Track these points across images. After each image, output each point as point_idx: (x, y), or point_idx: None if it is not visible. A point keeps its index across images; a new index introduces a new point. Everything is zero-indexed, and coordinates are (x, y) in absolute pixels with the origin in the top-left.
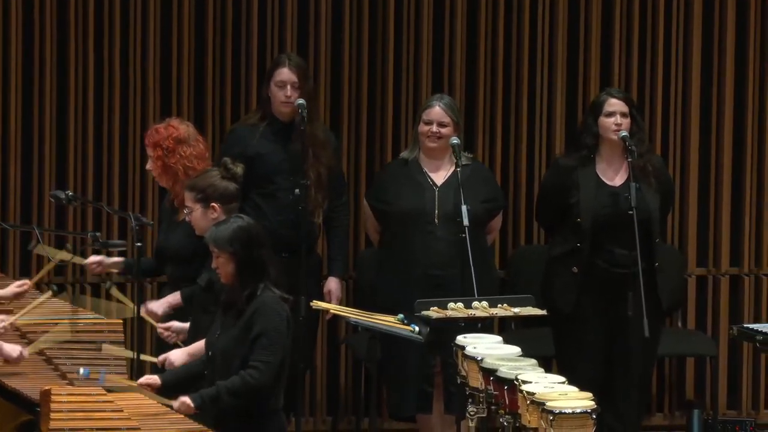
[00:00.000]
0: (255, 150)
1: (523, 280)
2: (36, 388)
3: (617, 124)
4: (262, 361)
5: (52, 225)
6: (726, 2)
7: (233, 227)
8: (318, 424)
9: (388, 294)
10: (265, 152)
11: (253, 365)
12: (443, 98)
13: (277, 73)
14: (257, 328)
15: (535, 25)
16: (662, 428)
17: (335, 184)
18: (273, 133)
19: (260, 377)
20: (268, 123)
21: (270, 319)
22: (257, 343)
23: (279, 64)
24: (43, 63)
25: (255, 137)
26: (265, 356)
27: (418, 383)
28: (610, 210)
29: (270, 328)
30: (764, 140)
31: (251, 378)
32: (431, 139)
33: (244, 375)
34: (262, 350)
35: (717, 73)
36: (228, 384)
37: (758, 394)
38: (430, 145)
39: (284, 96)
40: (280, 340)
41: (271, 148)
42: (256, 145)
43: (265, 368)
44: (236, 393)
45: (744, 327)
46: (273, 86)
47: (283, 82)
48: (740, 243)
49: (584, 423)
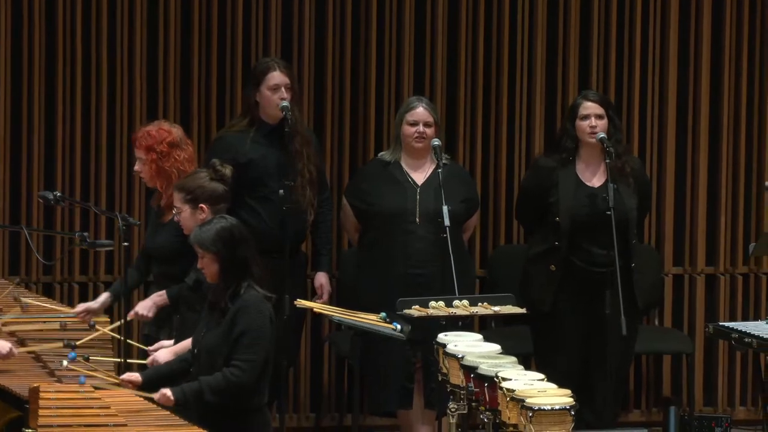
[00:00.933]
0: (247, 156)
1: (502, 279)
2: (25, 386)
3: (592, 127)
4: (245, 360)
5: (40, 225)
6: (702, 7)
7: (216, 228)
8: (302, 421)
9: (370, 292)
10: (258, 157)
11: (236, 364)
12: (422, 99)
13: (269, 77)
14: (240, 327)
15: (515, 29)
16: (639, 424)
17: (319, 180)
18: (263, 137)
19: (242, 375)
20: (256, 128)
21: (253, 318)
22: (240, 342)
23: (269, 69)
24: (32, 66)
25: (246, 143)
26: (247, 355)
27: (399, 380)
28: (589, 210)
29: (253, 327)
30: (739, 142)
31: (233, 376)
32: (417, 139)
33: (227, 373)
34: (244, 349)
35: (693, 76)
36: (211, 380)
37: (734, 391)
38: (417, 145)
39: (279, 99)
40: (262, 338)
41: (263, 152)
42: (248, 151)
43: (247, 367)
44: (218, 390)
45: (719, 325)
46: (266, 91)
47: (277, 85)
48: (716, 243)
49: (563, 419)
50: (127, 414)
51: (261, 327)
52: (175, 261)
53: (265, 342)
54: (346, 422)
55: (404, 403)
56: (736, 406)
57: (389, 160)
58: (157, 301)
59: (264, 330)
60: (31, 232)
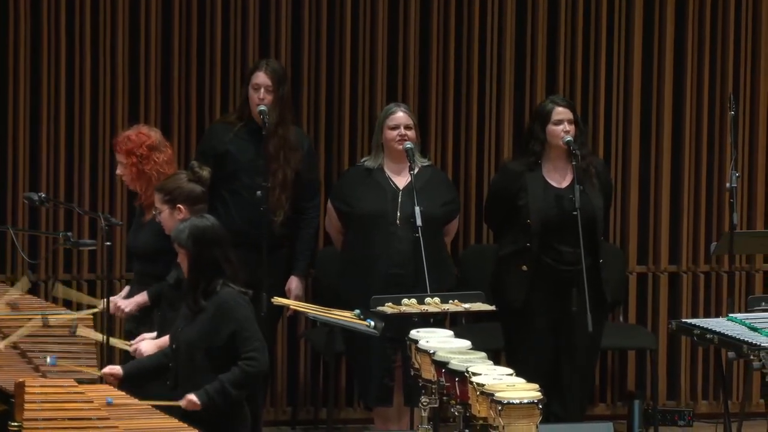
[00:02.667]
0: (225, 147)
1: (473, 277)
2: (10, 380)
3: (566, 131)
4: (254, 349)
5: (25, 225)
6: (665, 17)
7: (190, 226)
8: (279, 414)
9: (352, 291)
10: (235, 150)
11: (247, 356)
12: (401, 105)
13: (254, 76)
14: (230, 326)
15: (485, 36)
16: (605, 417)
17: (307, 186)
18: (247, 133)
19: (257, 364)
20: (244, 123)
21: (237, 312)
22: (239, 338)
23: (257, 68)
24: (17, 72)
25: (229, 135)
26: (252, 344)
27: (379, 377)
28: (557, 211)
29: (241, 320)
30: (701, 145)
31: (250, 367)
32: (399, 142)
33: (243, 366)
34: (246, 341)
35: (656, 82)
36: (230, 376)
37: (696, 386)
38: (399, 147)
39: (258, 98)
40: (254, 326)
41: (242, 147)
42: (228, 142)
43: (258, 355)
44: (239, 384)
45: (682, 322)
46: (250, 89)
47: (258, 85)
48: (678, 242)
49: (531, 413)
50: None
51: (247, 317)
52: (155, 259)
53: (257, 327)
54: (322, 415)
55: (384, 400)
56: (698, 400)
57: (372, 167)
58: (139, 302)
59: (249, 318)
60: (16, 232)
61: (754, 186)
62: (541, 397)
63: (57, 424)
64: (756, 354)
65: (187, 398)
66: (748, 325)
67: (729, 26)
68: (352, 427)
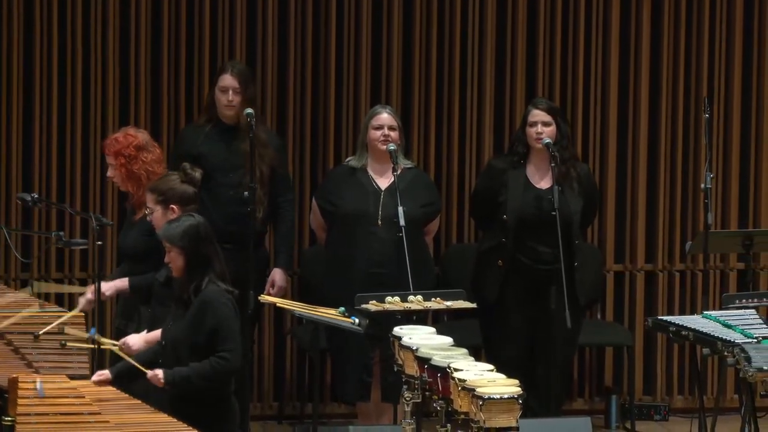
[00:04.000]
0: (198, 150)
1: (454, 275)
2: (4, 376)
3: (538, 133)
4: (228, 350)
5: (19, 225)
6: (641, 21)
7: (184, 225)
8: (265, 409)
9: (334, 289)
10: (208, 151)
11: (220, 355)
12: (386, 106)
13: (220, 79)
14: (210, 323)
15: (465, 41)
16: (582, 412)
17: (281, 181)
18: (217, 134)
19: (226, 364)
20: (213, 125)
21: (219, 311)
22: (217, 337)
23: (223, 71)
24: (10, 76)
25: (200, 138)
26: (228, 344)
27: (358, 373)
28: (535, 210)
29: (221, 319)
30: (677, 147)
31: (219, 365)
32: (383, 142)
33: (213, 362)
34: (223, 341)
35: (633, 85)
36: (200, 368)
37: (671, 381)
38: (382, 147)
39: (226, 100)
40: (234, 327)
41: (214, 147)
42: (200, 145)
43: (231, 355)
44: (205, 377)
45: (658, 319)
46: (217, 91)
47: (226, 87)
48: (654, 242)
49: (511, 407)
50: (100, 403)
51: (228, 317)
52: (144, 258)
53: (237, 329)
54: (307, 410)
55: (362, 396)
56: (674, 395)
57: (356, 167)
58: (118, 286)
59: (231, 320)
60: (10, 232)
61: (728, 187)
62: (521, 392)
63: (49, 419)
64: (730, 350)
65: (155, 372)
66: (723, 322)
67: (704, 32)
68: (337, 422)
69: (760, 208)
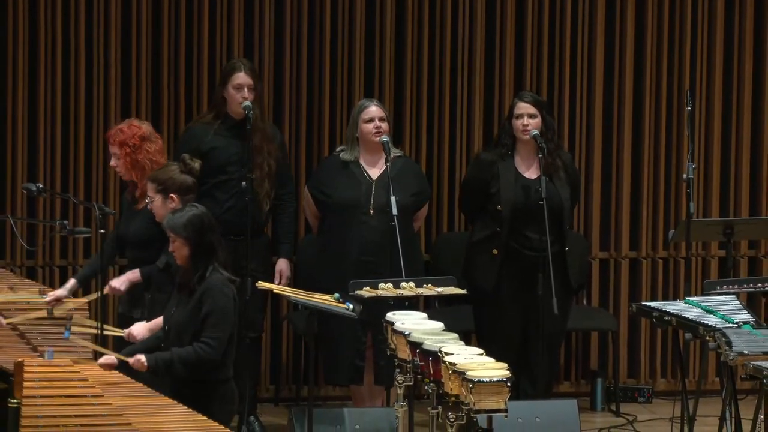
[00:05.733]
0: (209, 145)
1: (445, 263)
2: (10, 360)
3: (524, 125)
4: (212, 338)
5: (24, 214)
6: (626, 18)
7: (188, 215)
8: (262, 392)
9: (327, 276)
10: (219, 146)
11: (204, 341)
12: (372, 99)
13: (234, 77)
14: (206, 308)
15: (456, 35)
16: (569, 395)
17: (283, 175)
18: (226, 129)
19: (210, 351)
20: (221, 121)
21: (218, 299)
22: (207, 322)
23: (235, 69)
24: (15, 70)
25: (209, 134)
26: (214, 333)
27: (350, 358)
28: (525, 200)
29: (217, 308)
30: (660, 138)
31: (202, 351)
32: (376, 134)
33: (197, 347)
34: (211, 328)
35: (618, 77)
36: (182, 352)
37: (655, 365)
38: (376, 139)
39: (241, 97)
40: (227, 317)
41: (225, 143)
42: (211, 140)
43: (215, 343)
44: (187, 362)
45: (642, 305)
46: (230, 89)
47: (241, 85)
48: (638, 230)
49: (500, 390)
50: (103, 386)
51: (225, 307)
52: (147, 246)
53: (230, 321)
54: (303, 393)
55: (355, 379)
56: (657, 378)
57: (348, 159)
58: (131, 278)
59: (228, 310)
60: (15, 221)
61: (709, 177)
62: (509, 375)
63: (54, 401)
64: (711, 335)
65: (137, 357)
66: (704, 307)
67: (686, 28)
68: (332, 404)
69: (740, 198)
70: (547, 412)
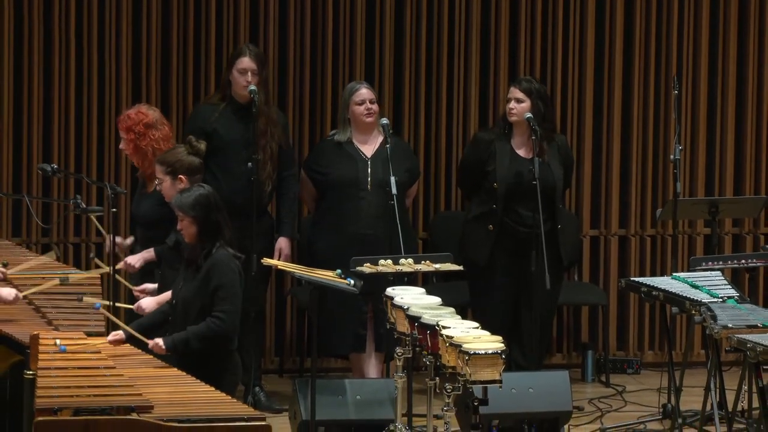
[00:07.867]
0: (213, 126)
1: (442, 240)
2: (26, 333)
3: (510, 109)
4: (224, 311)
5: (39, 193)
6: (615, 5)
7: (195, 195)
8: (267, 364)
9: (326, 251)
10: (222, 129)
11: (216, 315)
12: (362, 82)
13: (239, 61)
14: (214, 283)
15: (453, 20)
16: (561, 366)
17: (285, 157)
18: (232, 112)
19: (222, 324)
20: (227, 104)
21: (225, 273)
22: (216, 296)
23: (241, 54)
24: (31, 55)
25: (215, 115)
26: (225, 306)
27: (353, 327)
28: (519, 179)
29: (225, 282)
30: (648, 121)
31: (215, 325)
32: (368, 115)
33: (209, 322)
34: (221, 301)
35: (608, 64)
36: (196, 329)
37: (643, 338)
38: (368, 120)
39: (245, 81)
40: (235, 291)
41: (229, 125)
42: (215, 122)
43: (226, 317)
44: (202, 338)
45: (630, 280)
46: (235, 72)
47: (245, 69)
48: (627, 208)
49: (495, 362)
50: (115, 357)
51: (232, 281)
52: (157, 226)
53: (239, 294)
54: (306, 365)
55: (357, 347)
56: (645, 351)
57: (342, 140)
58: (146, 257)
59: (235, 284)
60: (31, 200)
61: (695, 158)
62: (504, 348)
63: (68, 372)
64: (697, 309)
65: (155, 341)
66: (690, 283)
67: (673, 14)
68: (334, 375)
69: (725, 178)
70: (540, 383)
